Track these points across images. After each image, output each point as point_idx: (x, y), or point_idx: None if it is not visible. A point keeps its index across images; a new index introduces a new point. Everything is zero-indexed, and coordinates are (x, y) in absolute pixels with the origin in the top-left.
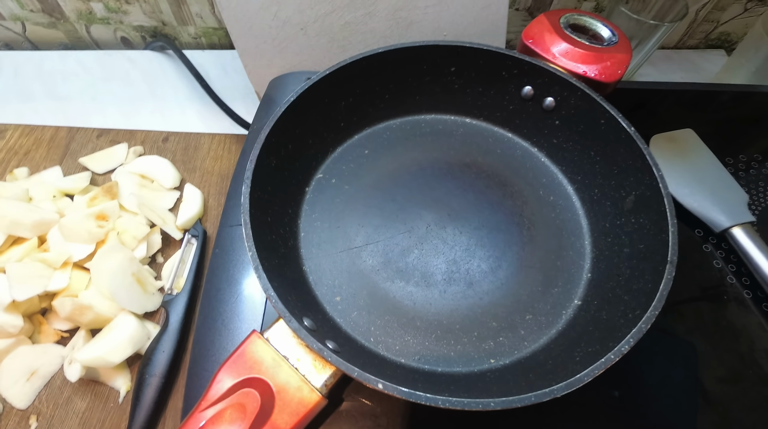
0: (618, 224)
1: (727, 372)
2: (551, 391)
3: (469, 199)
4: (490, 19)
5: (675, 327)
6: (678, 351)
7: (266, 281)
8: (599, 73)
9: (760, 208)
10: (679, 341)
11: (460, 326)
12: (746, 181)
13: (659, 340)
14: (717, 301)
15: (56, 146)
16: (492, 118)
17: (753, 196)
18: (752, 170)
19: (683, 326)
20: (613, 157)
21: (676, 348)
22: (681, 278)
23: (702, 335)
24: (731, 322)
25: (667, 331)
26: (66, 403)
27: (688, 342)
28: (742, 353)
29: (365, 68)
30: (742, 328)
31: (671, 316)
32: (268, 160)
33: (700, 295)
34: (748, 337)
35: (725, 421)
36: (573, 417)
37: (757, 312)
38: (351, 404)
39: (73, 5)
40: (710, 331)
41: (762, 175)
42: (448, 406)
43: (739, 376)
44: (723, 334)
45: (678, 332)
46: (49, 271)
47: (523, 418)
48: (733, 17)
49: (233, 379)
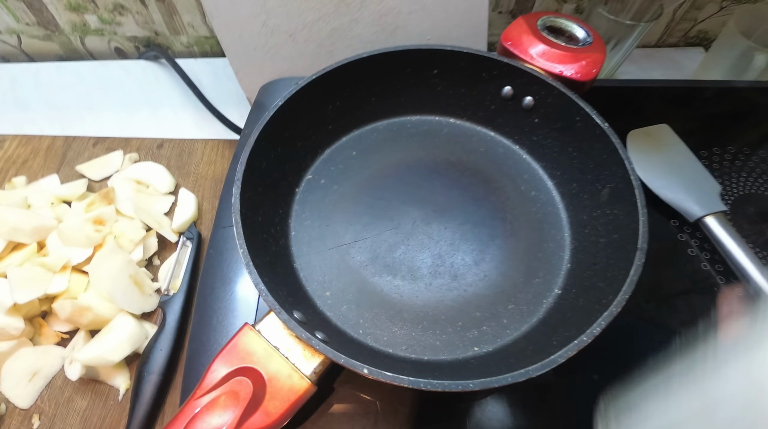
0: (595, 216)
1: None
2: (527, 371)
3: (454, 195)
4: (472, 23)
5: (653, 313)
6: (654, 337)
7: (257, 276)
8: (575, 73)
9: (733, 198)
10: (656, 326)
11: (446, 317)
12: (720, 173)
13: (636, 325)
14: (691, 287)
15: (53, 155)
16: (475, 117)
17: (726, 186)
18: (725, 162)
19: (659, 311)
20: (589, 152)
21: (652, 334)
22: (657, 266)
23: (676, 321)
24: (706, 307)
25: (642, 317)
26: (67, 402)
27: (663, 326)
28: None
29: (351, 72)
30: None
31: (652, 305)
32: (258, 163)
33: (675, 282)
34: None
35: None
36: (569, 411)
37: None
38: (349, 398)
39: (67, 18)
40: (685, 318)
41: (735, 166)
42: (430, 388)
43: None
44: (697, 318)
45: (655, 319)
46: (49, 274)
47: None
48: (709, 16)
49: (227, 369)
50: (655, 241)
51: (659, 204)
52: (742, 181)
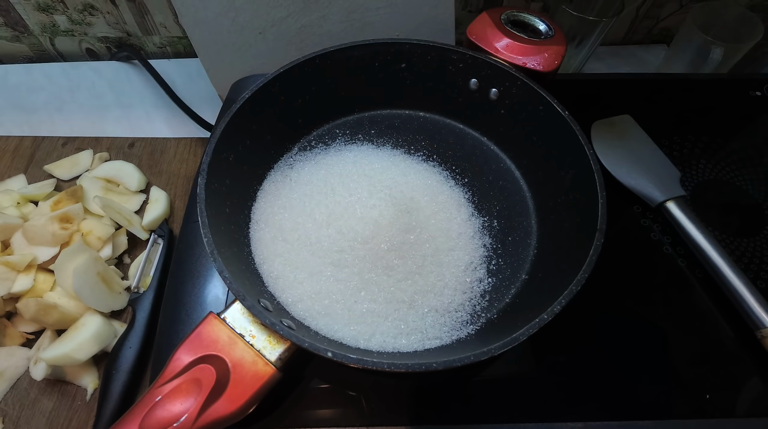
0: (560, 202)
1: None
2: (489, 350)
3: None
4: (439, 19)
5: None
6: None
7: (221, 264)
8: (538, 64)
9: (693, 184)
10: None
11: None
12: (680, 161)
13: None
14: (653, 270)
15: (21, 156)
16: (444, 110)
17: (686, 174)
18: (685, 151)
19: (622, 292)
20: (553, 140)
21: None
22: (620, 250)
23: (636, 300)
24: (667, 288)
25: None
26: (33, 404)
27: (627, 309)
28: (672, 314)
29: (319, 66)
30: (676, 292)
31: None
32: (225, 154)
33: (638, 265)
34: (683, 301)
35: None
36: (551, 399)
37: (692, 278)
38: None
39: (36, 18)
40: (647, 295)
41: (694, 154)
42: (393, 369)
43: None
44: (657, 297)
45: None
46: (13, 274)
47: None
48: (670, 13)
49: (191, 357)
50: (618, 226)
51: (623, 191)
52: (701, 169)
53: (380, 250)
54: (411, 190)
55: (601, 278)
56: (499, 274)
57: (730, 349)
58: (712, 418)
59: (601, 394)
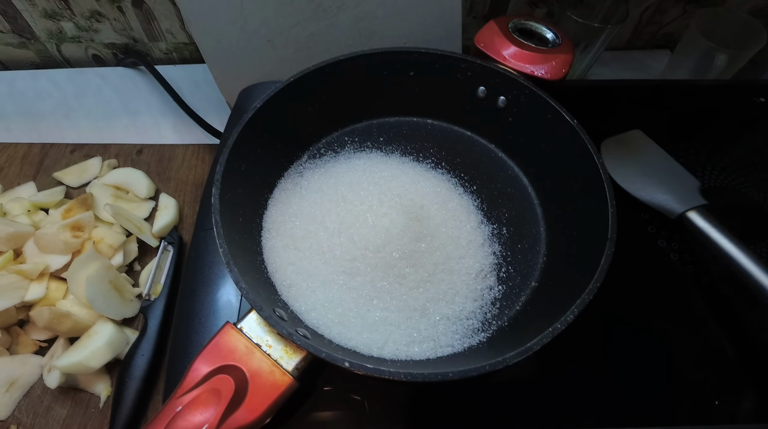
0: (568, 210)
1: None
2: (504, 360)
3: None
4: (446, 27)
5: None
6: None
7: (237, 274)
8: (545, 72)
9: (713, 191)
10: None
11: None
12: (685, 166)
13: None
14: (660, 277)
15: (29, 163)
16: (452, 118)
17: (705, 181)
18: (691, 157)
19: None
20: (561, 148)
21: (623, 321)
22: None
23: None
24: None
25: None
26: (46, 412)
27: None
28: (683, 323)
29: (329, 75)
30: (683, 300)
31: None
32: (237, 164)
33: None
34: (689, 308)
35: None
36: (556, 405)
37: (696, 286)
38: (336, 399)
39: (43, 25)
40: (654, 304)
41: (699, 161)
42: (410, 379)
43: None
44: (663, 305)
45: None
46: (26, 282)
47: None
48: (673, 19)
49: (208, 367)
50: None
51: (634, 203)
52: (707, 175)
53: (392, 259)
54: (421, 197)
55: (607, 285)
56: (509, 282)
57: (730, 355)
58: (720, 424)
59: (606, 401)
